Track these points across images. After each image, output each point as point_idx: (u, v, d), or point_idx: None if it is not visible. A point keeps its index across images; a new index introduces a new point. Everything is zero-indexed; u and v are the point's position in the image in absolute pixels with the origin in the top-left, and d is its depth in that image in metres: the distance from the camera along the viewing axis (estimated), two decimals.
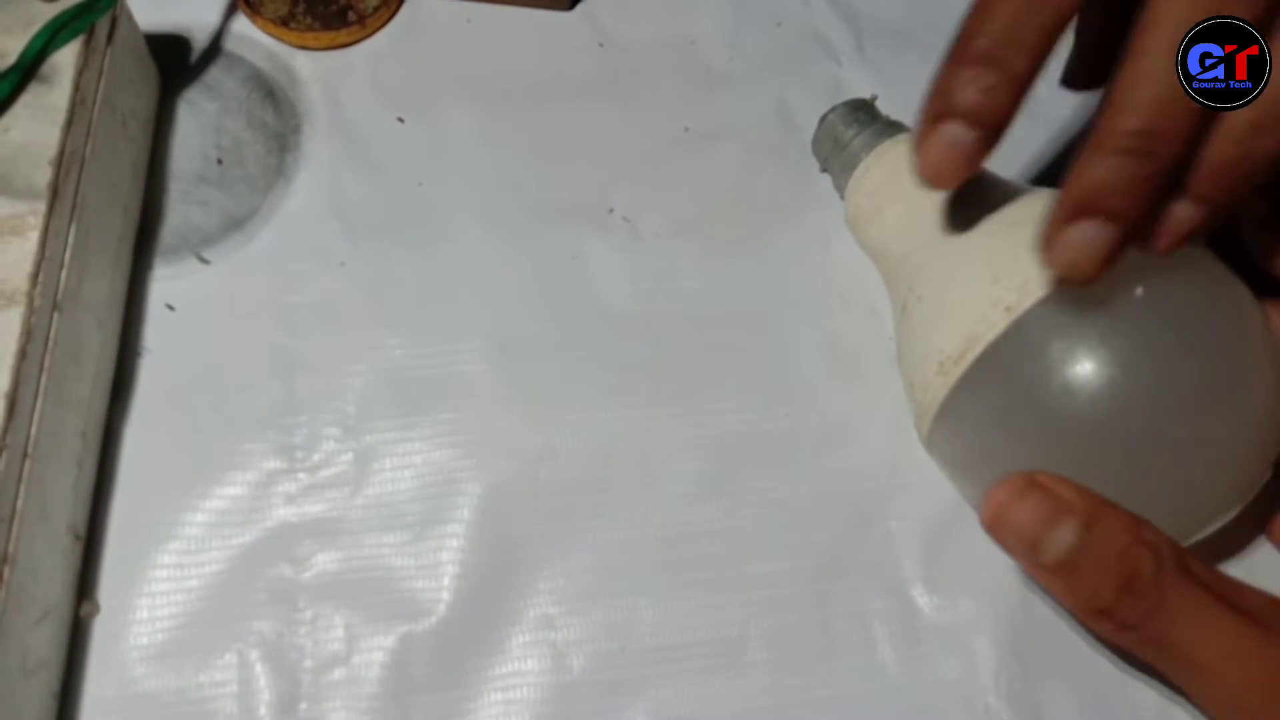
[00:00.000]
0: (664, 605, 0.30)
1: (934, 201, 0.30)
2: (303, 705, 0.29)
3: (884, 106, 0.35)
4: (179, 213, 0.35)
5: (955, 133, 0.25)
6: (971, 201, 0.29)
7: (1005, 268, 0.27)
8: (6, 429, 0.27)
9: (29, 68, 0.30)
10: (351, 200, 0.35)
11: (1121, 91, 0.23)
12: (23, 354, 0.27)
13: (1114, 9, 0.25)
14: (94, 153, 0.31)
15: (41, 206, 0.29)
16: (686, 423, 0.33)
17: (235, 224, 0.34)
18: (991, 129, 0.25)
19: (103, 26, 0.32)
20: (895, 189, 0.32)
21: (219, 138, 0.36)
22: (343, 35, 0.37)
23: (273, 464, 0.32)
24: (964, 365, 0.27)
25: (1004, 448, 0.27)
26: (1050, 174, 0.36)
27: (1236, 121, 0.23)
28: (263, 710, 0.29)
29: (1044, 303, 0.26)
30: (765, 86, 0.39)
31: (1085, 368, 0.25)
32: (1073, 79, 0.31)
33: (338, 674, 0.29)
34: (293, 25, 0.37)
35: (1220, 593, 0.25)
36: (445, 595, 0.30)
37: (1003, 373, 0.27)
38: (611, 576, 0.31)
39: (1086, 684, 0.30)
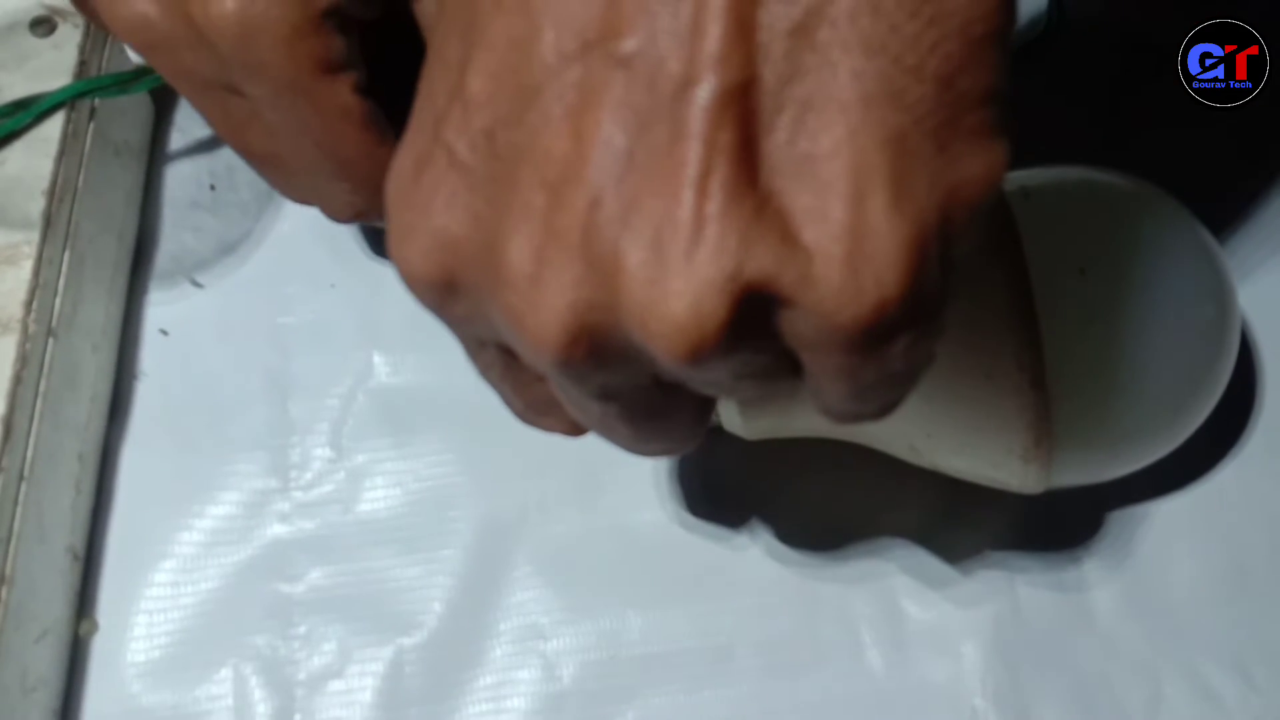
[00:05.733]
0: (652, 613, 0.31)
1: None
2: (297, 718, 0.30)
3: None
4: (173, 238, 0.35)
5: None
6: None
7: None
8: (2, 452, 0.27)
9: (45, 112, 0.31)
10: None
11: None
12: (18, 379, 0.28)
13: None
14: (87, 182, 0.32)
15: (35, 236, 0.30)
16: None
17: (228, 248, 0.35)
18: None
19: (95, 58, 0.33)
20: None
21: (212, 164, 0.36)
22: None
23: (266, 483, 0.32)
24: (1050, 446, 0.26)
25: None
26: None
27: None
28: None
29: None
30: None
31: None
32: None
33: (332, 687, 0.30)
34: None
35: None
36: (436, 608, 0.31)
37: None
38: (600, 585, 0.31)
39: (1073, 685, 0.30)
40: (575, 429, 0.21)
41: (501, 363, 0.19)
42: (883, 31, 0.14)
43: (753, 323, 0.15)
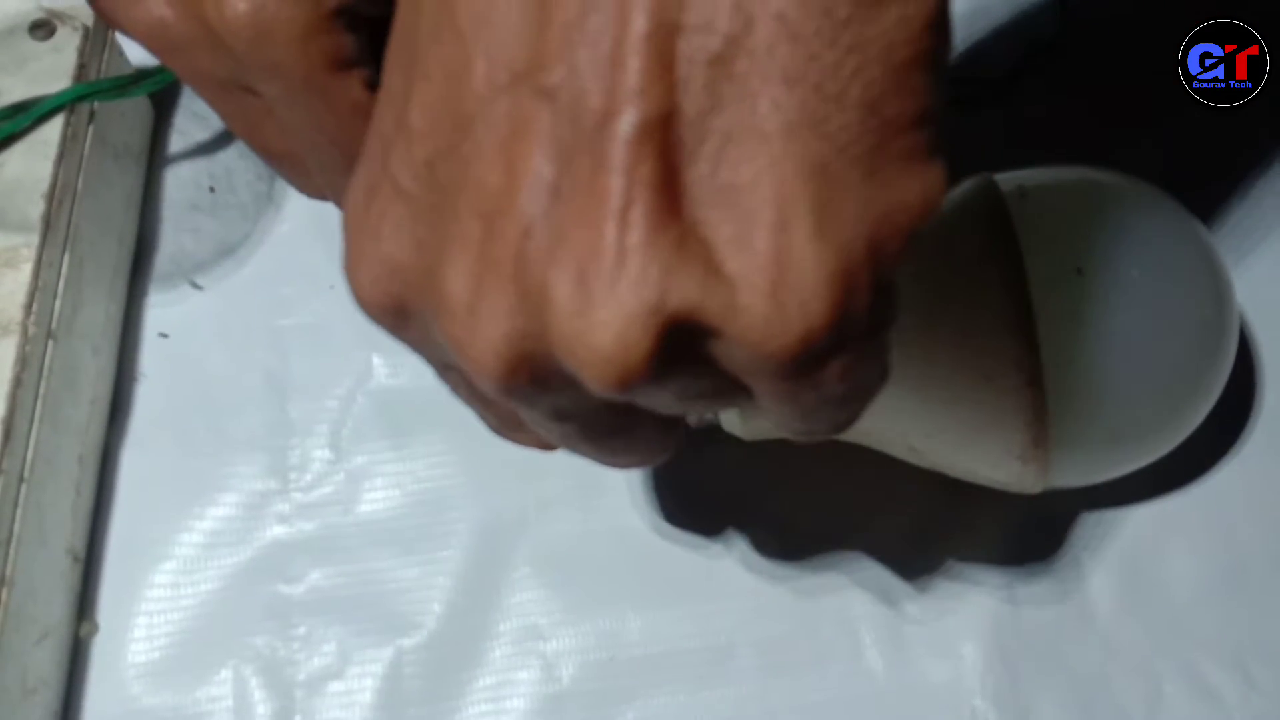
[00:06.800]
0: (652, 614, 0.31)
1: None
2: (296, 719, 0.30)
3: None
4: (173, 240, 0.35)
5: None
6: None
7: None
8: (2, 455, 0.27)
9: (44, 115, 0.31)
10: (338, 223, 0.36)
11: None
12: (18, 382, 0.28)
13: None
14: (86, 185, 0.32)
15: (35, 238, 0.30)
16: None
17: (227, 250, 0.35)
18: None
19: (94, 62, 0.33)
20: None
21: (211, 166, 0.36)
22: None
23: (266, 484, 0.32)
24: (1047, 446, 0.26)
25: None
26: None
27: None
28: None
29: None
30: None
31: None
32: None
33: (331, 688, 0.30)
34: None
35: None
36: (436, 609, 0.31)
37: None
38: (600, 586, 0.31)
39: (1073, 685, 0.30)
40: (547, 444, 0.21)
41: (466, 383, 0.19)
42: (801, 60, 0.14)
43: (684, 351, 0.15)
